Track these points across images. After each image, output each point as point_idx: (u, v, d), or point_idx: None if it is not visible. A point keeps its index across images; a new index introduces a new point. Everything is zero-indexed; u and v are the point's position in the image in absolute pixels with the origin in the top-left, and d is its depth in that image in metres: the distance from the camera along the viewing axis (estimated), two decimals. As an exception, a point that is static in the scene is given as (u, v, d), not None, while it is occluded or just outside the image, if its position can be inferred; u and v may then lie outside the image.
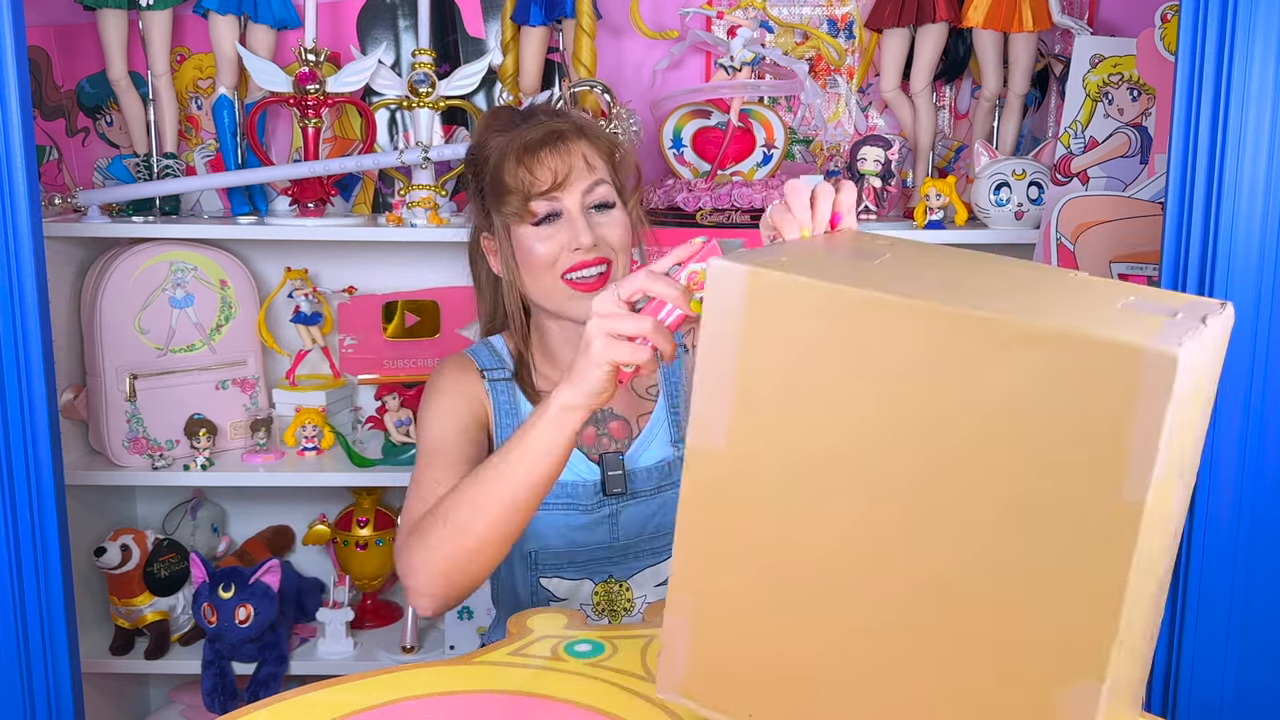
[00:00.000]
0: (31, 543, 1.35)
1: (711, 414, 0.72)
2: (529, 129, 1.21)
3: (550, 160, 1.19)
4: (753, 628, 0.74)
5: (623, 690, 0.92)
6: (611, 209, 1.22)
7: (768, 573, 0.73)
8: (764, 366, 0.70)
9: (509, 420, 1.25)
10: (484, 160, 1.24)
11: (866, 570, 0.69)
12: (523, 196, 1.18)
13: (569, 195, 1.19)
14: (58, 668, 1.39)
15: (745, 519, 0.73)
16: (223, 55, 1.85)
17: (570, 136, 1.21)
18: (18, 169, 1.31)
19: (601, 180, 1.21)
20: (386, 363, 1.96)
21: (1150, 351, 0.58)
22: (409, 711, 0.88)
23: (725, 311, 0.71)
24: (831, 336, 0.67)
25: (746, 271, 0.69)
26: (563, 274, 1.19)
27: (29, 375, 1.34)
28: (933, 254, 0.78)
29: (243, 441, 1.89)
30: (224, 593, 1.72)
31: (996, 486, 0.64)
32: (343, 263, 1.99)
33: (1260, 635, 1.26)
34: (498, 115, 1.29)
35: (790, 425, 0.70)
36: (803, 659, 0.73)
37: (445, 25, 1.95)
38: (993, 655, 0.66)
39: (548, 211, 1.19)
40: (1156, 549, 0.66)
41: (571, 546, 1.25)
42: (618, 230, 1.21)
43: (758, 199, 1.74)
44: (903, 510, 0.67)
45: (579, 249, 1.18)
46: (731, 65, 1.79)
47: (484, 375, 1.26)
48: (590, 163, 1.21)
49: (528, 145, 1.19)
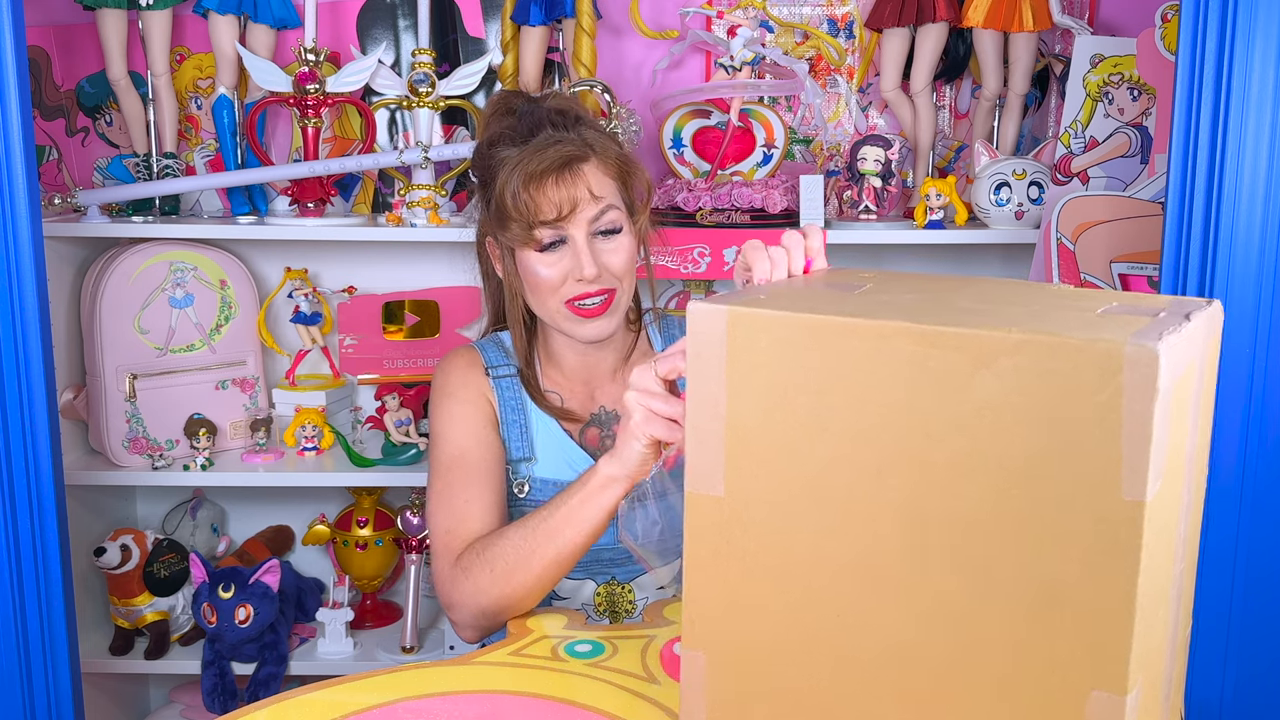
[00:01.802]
0: (31, 543, 1.35)
1: (706, 461, 0.72)
2: (536, 152, 1.16)
3: (557, 191, 1.16)
4: (768, 667, 0.73)
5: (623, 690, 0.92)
6: (618, 234, 1.19)
7: (777, 608, 0.72)
8: (752, 405, 0.70)
9: (515, 417, 1.25)
10: (489, 169, 1.21)
11: (873, 599, 0.68)
12: (527, 225, 1.16)
13: (575, 224, 1.17)
14: (58, 668, 1.39)
15: (750, 560, 0.72)
16: (223, 55, 1.85)
17: (579, 161, 1.17)
18: (18, 169, 1.31)
19: (609, 206, 1.18)
20: (386, 363, 1.96)
21: (1131, 348, 0.58)
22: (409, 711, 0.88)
23: (708, 355, 0.71)
24: (815, 367, 0.67)
25: (726, 311, 0.69)
26: (566, 300, 1.19)
27: (29, 375, 1.34)
28: (913, 280, 0.78)
29: (243, 441, 1.89)
30: (224, 593, 1.72)
31: (994, 501, 0.63)
32: (343, 263, 1.99)
33: (1260, 636, 1.26)
34: (506, 110, 1.25)
35: (784, 462, 0.70)
36: (819, 692, 0.72)
37: (445, 25, 1.95)
38: (1010, 675, 0.65)
39: (553, 239, 1.18)
40: (1167, 546, 0.66)
41: None
42: (622, 256, 1.19)
43: (758, 199, 1.74)
44: (903, 534, 0.66)
45: (582, 279, 1.17)
46: (731, 65, 1.79)
47: (489, 372, 1.26)
48: (597, 190, 1.18)
49: (533, 174, 1.15)
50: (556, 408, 1.26)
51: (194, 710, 1.93)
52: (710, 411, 0.71)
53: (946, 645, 0.67)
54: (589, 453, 1.25)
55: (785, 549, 0.71)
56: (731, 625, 0.74)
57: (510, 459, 1.26)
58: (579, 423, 1.27)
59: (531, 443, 1.26)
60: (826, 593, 0.70)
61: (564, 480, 1.23)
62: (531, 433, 1.26)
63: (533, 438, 1.26)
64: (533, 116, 1.22)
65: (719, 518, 0.73)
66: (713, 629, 0.75)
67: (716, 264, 1.74)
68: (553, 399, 1.27)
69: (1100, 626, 0.61)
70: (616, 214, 1.19)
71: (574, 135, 1.19)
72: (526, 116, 1.22)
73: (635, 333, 1.31)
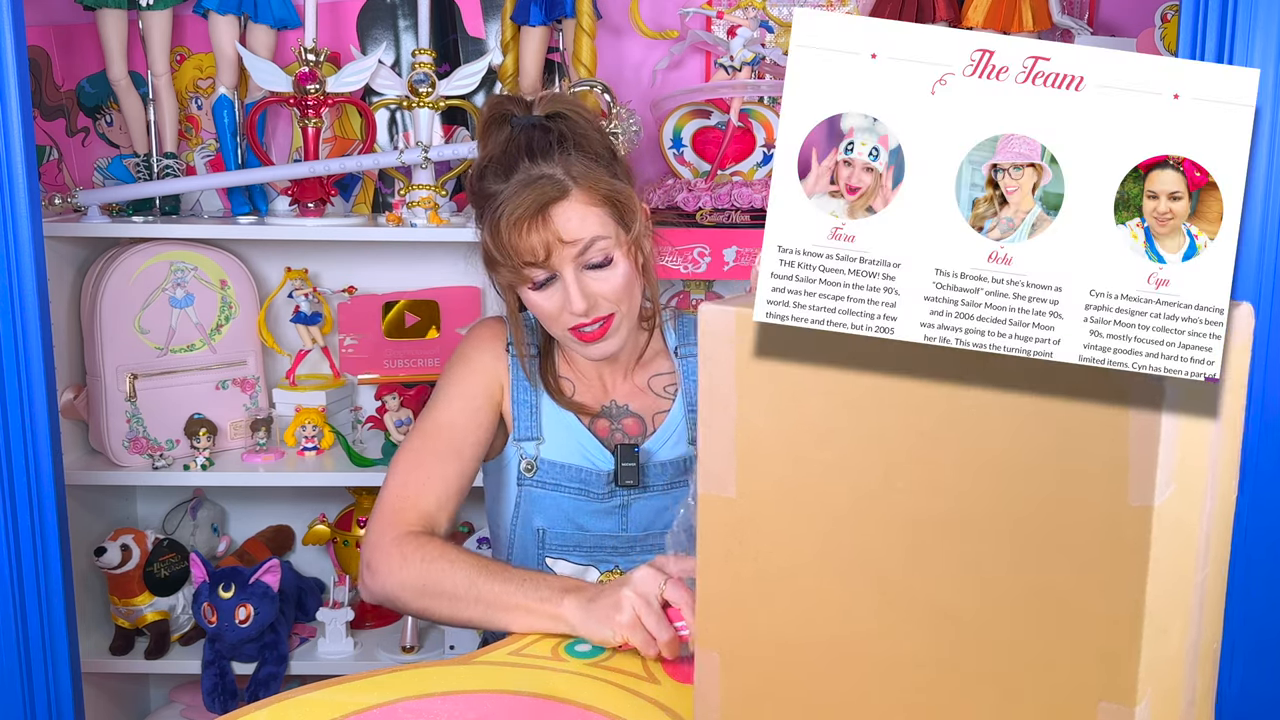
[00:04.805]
0: (31, 543, 1.35)
1: (719, 465, 0.72)
2: (514, 195, 1.13)
3: (534, 236, 1.13)
4: (779, 667, 0.73)
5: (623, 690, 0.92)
6: (608, 265, 1.17)
7: (789, 609, 0.72)
8: (761, 407, 0.70)
9: (526, 397, 1.26)
10: (479, 203, 1.19)
11: (878, 603, 0.68)
12: (514, 268, 1.16)
13: (560, 262, 1.15)
14: (58, 668, 1.39)
15: (762, 561, 0.72)
16: (223, 55, 1.85)
17: (555, 201, 1.13)
18: (18, 169, 1.31)
19: (594, 239, 1.15)
20: (386, 363, 1.96)
21: None
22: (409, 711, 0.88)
23: (719, 356, 0.70)
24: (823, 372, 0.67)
25: (734, 313, 0.69)
26: (568, 328, 1.19)
27: (29, 375, 1.34)
28: None
29: (243, 441, 1.89)
30: (224, 593, 1.72)
31: (1000, 505, 0.63)
32: (343, 263, 1.99)
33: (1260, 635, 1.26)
34: (494, 118, 1.20)
35: (793, 463, 0.69)
36: (829, 694, 0.72)
37: (445, 25, 1.95)
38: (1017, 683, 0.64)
39: (544, 277, 1.16)
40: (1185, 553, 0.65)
41: (579, 531, 1.26)
42: (615, 284, 1.17)
43: (758, 199, 1.75)
44: (908, 538, 0.66)
45: (574, 314, 1.17)
46: (731, 65, 1.79)
47: (509, 349, 1.27)
48: (578, 229, 1.14)
49: (512, 221, 1.13)
50: (568, 399, 1.27)
51: (194, 710, 1.93)
52: (721, 413, 0.71)
53: (953, 650, 0.66)
54: (601, 441, 1.26)
55: (795, 550, 0.71)
56: (744, 625, 0.74)
57: (517, 437, 1.26)
58: (590, 414, 1.28)
59: (540, 424, 1.26)
60: (834, 595, 0.70)
61: (573, 465, 1.24)
62: (541, 414, 1.27)
63: (542, 419, 1.27)
64: (515, 143, 1.17)
65: (731, 519, 0.73)
66: (726, 629, 0.75)
67: (716, 264, 1.74)
68: (566, 387, 1.28)
69: (1108, 636, 0.61)
70: (604, 244, 1.16)
71: (554, 167, 1.14)
72: (511, 141, 1.17)
73: (649, 330, 1.31)
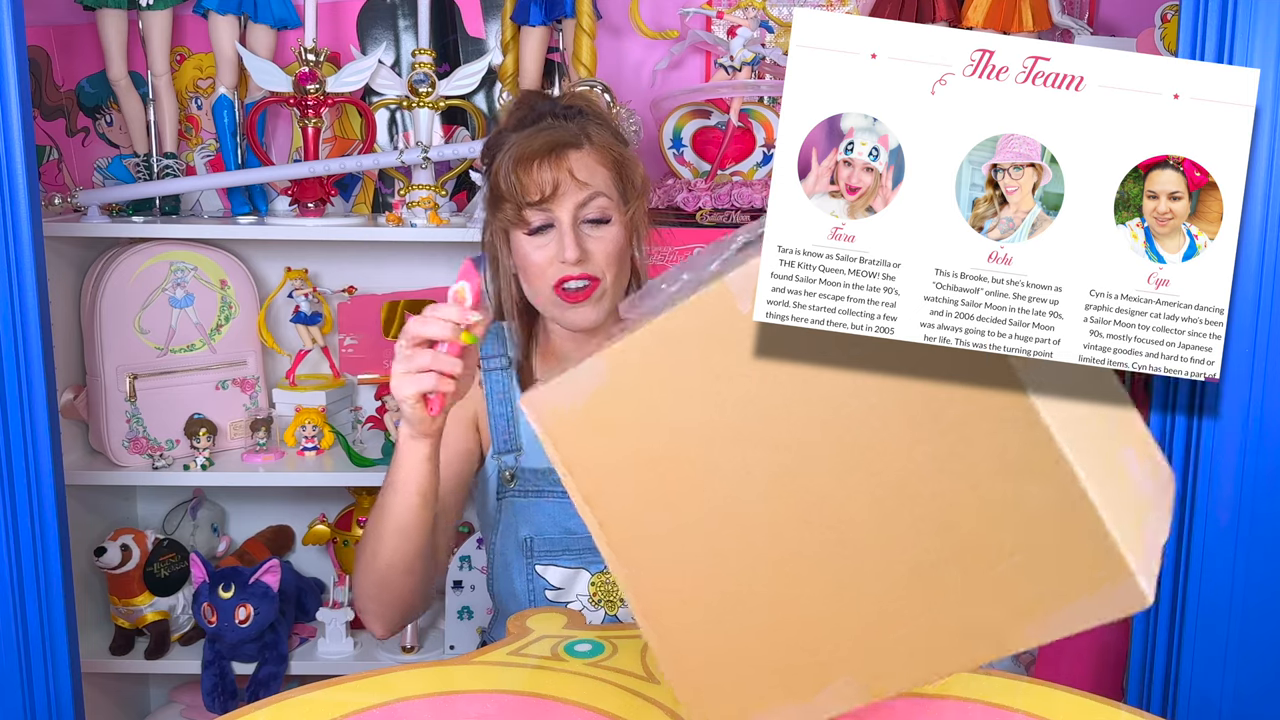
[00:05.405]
0: (31, 543, 1.35)
1: None
2: (530, 136, 1.20)
3: (543, 173, 1.18)
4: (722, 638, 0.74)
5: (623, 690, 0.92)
6: (606, 224, 1.21)
7: (712, 587, 0.74)
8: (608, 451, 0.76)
9: (501, 409, 1.26)
10: (493, 154, 1.24)
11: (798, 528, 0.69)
12: (516, 206, 1.19)
13: (561, 207, 1.18)
14: (58, 668, 1.39)
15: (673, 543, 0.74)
16: (223, 55, 1.85)
17: (571, 146, 1.19)
18: (18, 169, 1.31)
19: (597, 194, 1.19)
20: (386, 363, 1.96)
21: None
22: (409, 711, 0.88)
23: (550, 439, 0.77)
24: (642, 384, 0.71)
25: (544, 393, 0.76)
26: (553, 284, 1.20)
27: (29, 375, 1.34)
28: None
29: (243, 441, 1.89)
30: (224, 593, 1.72)
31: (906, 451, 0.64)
32: (343, 263, 1.99)
33: (1260, 635, 1.26)
34: (520, 105, 1.28)
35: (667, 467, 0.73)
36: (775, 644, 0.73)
37: (445, 25, 1.95)
38: None
39: (541, 222, 1.19)
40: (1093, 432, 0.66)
41: (566, 534, 1.26)
42: (608, 247, 1.20)
43: (758, 199, 1.75)
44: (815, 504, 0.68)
45: (565, 262, 1.18)
46: (731, 65, 1.79)
47: (480, 364, 1.27)
48: (584, 175, 1.19)
49: (523, 155, 1.18)
50: None
51: (194, 710, 1.93)
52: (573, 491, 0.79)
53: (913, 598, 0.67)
54: None
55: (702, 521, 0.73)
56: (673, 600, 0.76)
57: (496, 451, 1.27)
58: None
59: (518, 434, 1.27)
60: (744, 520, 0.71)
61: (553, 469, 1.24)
62: (518, 425, 1.27)
63: (519, 430, 1.27)
64: (541, 108, 1.25)
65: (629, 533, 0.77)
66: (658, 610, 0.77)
67: (716, 264, 1.74)
68: None
69: (1071, 530, 0.62)
70: (605, 202, 1.20)
71: (573, 125, 1.21)
72: (536, 108, 1.25)
73: None
